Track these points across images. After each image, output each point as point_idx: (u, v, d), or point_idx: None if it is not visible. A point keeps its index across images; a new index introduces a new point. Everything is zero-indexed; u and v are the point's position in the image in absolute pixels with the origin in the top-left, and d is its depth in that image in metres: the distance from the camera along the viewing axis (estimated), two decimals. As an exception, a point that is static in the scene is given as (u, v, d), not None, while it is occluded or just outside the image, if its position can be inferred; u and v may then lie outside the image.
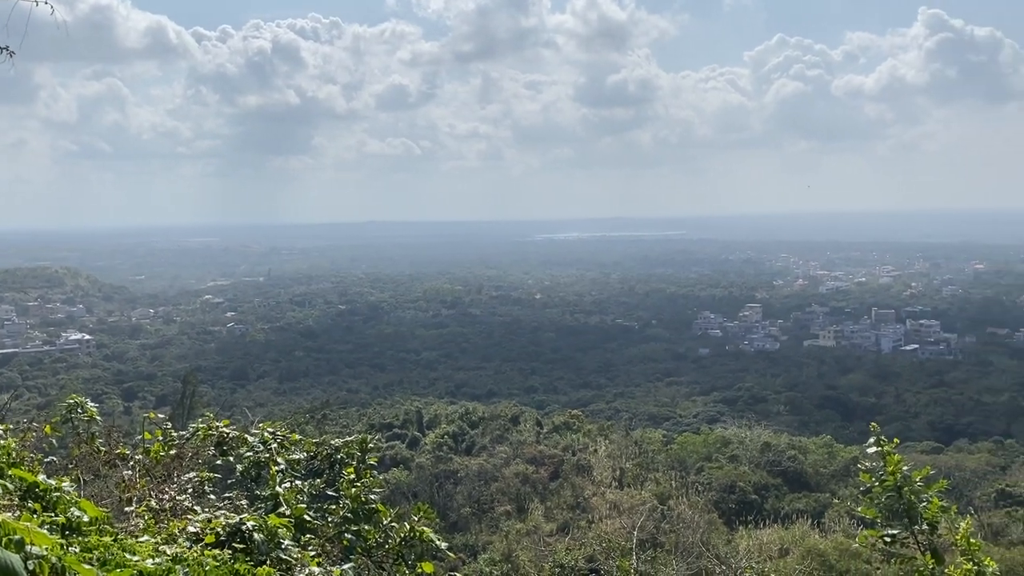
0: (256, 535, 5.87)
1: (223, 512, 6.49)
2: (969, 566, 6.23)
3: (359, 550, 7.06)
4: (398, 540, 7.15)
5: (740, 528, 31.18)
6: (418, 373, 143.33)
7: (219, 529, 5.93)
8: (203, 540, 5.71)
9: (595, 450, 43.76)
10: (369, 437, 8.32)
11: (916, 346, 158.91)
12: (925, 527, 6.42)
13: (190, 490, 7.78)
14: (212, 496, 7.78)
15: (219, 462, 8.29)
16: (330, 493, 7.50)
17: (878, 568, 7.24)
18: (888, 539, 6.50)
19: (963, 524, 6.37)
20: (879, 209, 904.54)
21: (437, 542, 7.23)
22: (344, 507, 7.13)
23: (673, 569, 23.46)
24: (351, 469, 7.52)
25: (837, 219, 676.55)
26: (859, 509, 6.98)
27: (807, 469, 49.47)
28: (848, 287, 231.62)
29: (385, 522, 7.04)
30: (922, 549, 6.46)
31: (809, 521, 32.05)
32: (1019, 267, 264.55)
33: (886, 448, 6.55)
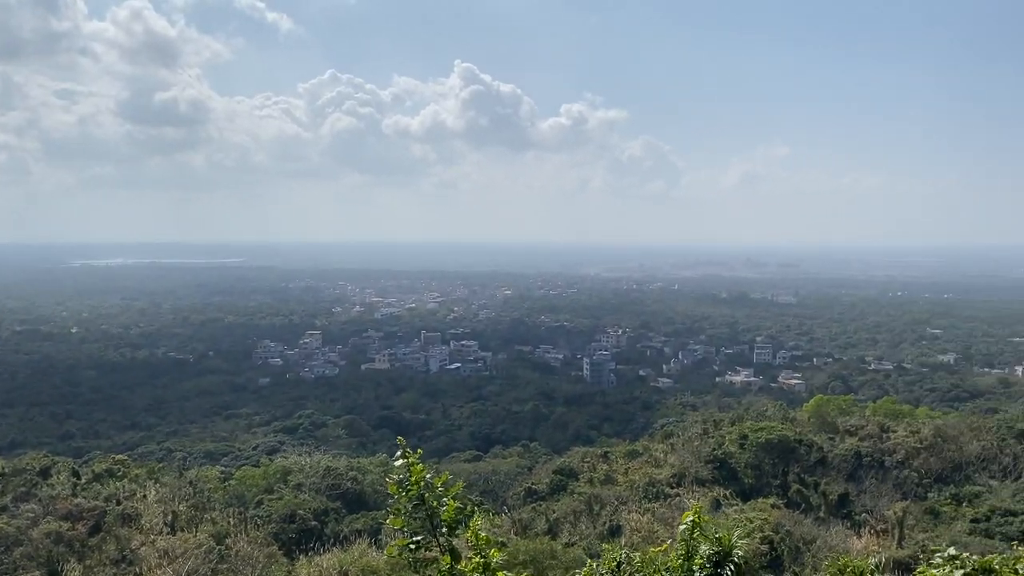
0: None
1: None
2: (478, 560, 7.04)
3: None
4: None
5: (300, 557, 31.07)
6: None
7: None
8: None
9: (144, 496, 40.16)
10: None
11: (459, 364, 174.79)
12: (445, 530, 7.11)
13: None
14: None
15: None
16: None
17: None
18: (413, 546, 7.05)
19: (472, 522, 7.15)
20: (426, 240, 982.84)
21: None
22: None
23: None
24: None
25: (390, 249, 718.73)
26: (387, 521, 7.41)
27: (366, 489, 51.17)
28: (400, 312, 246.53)
29: None
30: (443, 550, 7.14)
31: (367, 540, 33.17)
32: (537, 293, 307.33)
33: (411, 459, 7.10)
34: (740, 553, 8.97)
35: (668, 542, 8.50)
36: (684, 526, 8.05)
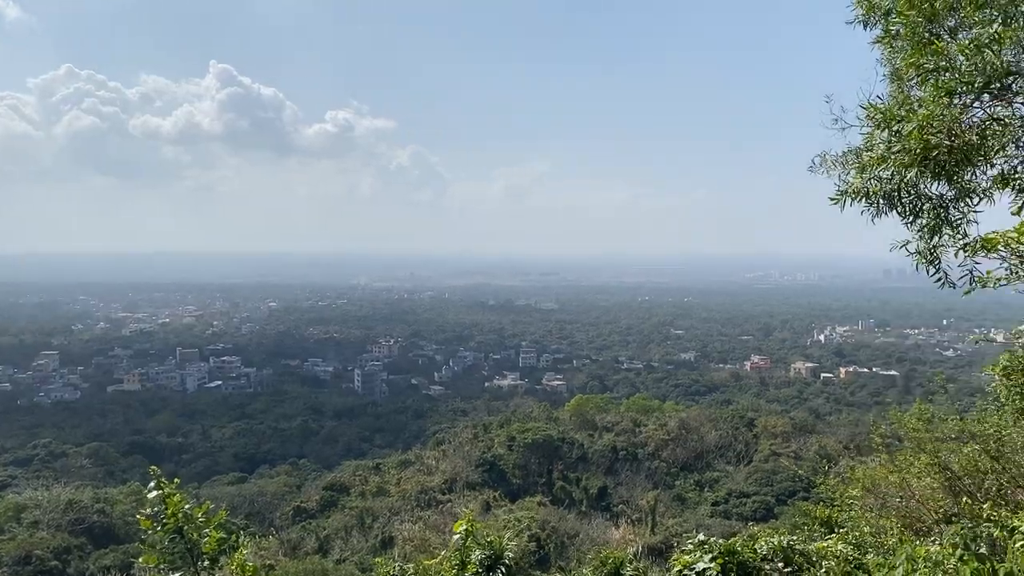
0: None
1: None
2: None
3: None
4: None
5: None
6: None
7: None
8: None
9: None
10: None
11: (220, 382, 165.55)
12: (207, 563, 6.63)
13: None
14: None
15: None
16: None
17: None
18: (167, 583, 6.52)
19: (237, 553, 6.75)
20: (180, 249, 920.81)
21: None
22: None
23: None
24: None
25: (139, 259, 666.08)
26: (140, 560, 6.78)
27: (116, 521, 47.44)
28: (152, 328, 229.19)
29: None
30: (202, 585, 6.68)
31: (117, 576, 30.59)
32: (305, 304, 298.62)
33: (167, 490, 6.55)
34: (511, 555, 9.26)
35: (443, 553, 8.55)
36: (458, 535, 8.14)
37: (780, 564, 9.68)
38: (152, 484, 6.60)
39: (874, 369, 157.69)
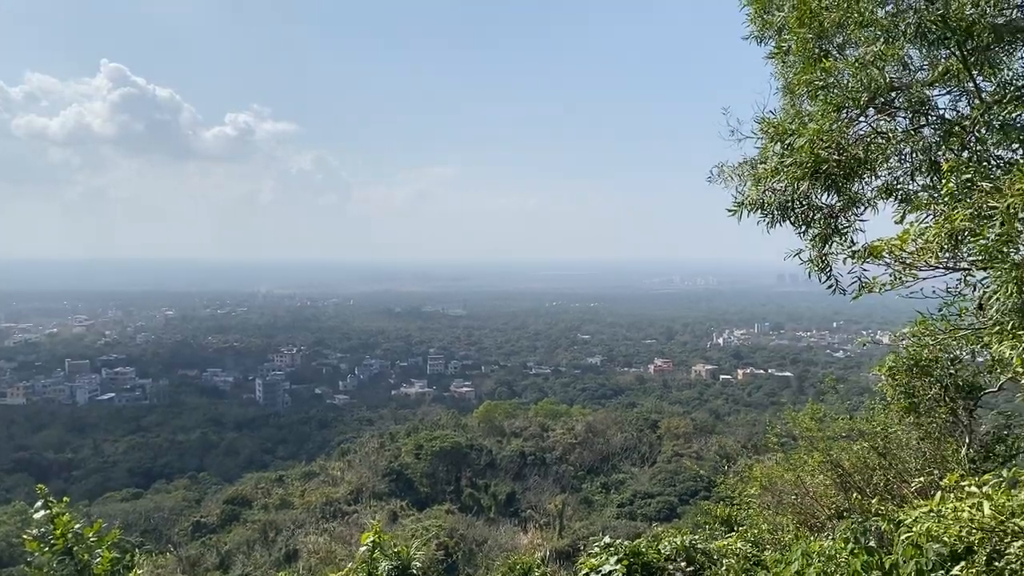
0: None
1: None
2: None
3: None
4: None
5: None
6: None
7: None
8: None
9: None
10: None
11: (113, 394, 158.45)
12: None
13: None
14: None
15: None
16: None
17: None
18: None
19: (132, 573, 6.46)
20: (70, 256, 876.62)
21: None
22: None
23: None
24: None
25: (25, 267, 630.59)
26: (21, 589, 6.41)
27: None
28: (39, 339, 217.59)
29: None
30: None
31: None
32: (203, 312, 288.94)
33: (55, 510, 6.20)
34: (418, 564, 9.19)
35: (348, 565, 8.41)
36: (364, 547, 8.02)
37: (683, 563, 9.93)
38: (39, 503, 6.24)
39: (770, 370, 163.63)
